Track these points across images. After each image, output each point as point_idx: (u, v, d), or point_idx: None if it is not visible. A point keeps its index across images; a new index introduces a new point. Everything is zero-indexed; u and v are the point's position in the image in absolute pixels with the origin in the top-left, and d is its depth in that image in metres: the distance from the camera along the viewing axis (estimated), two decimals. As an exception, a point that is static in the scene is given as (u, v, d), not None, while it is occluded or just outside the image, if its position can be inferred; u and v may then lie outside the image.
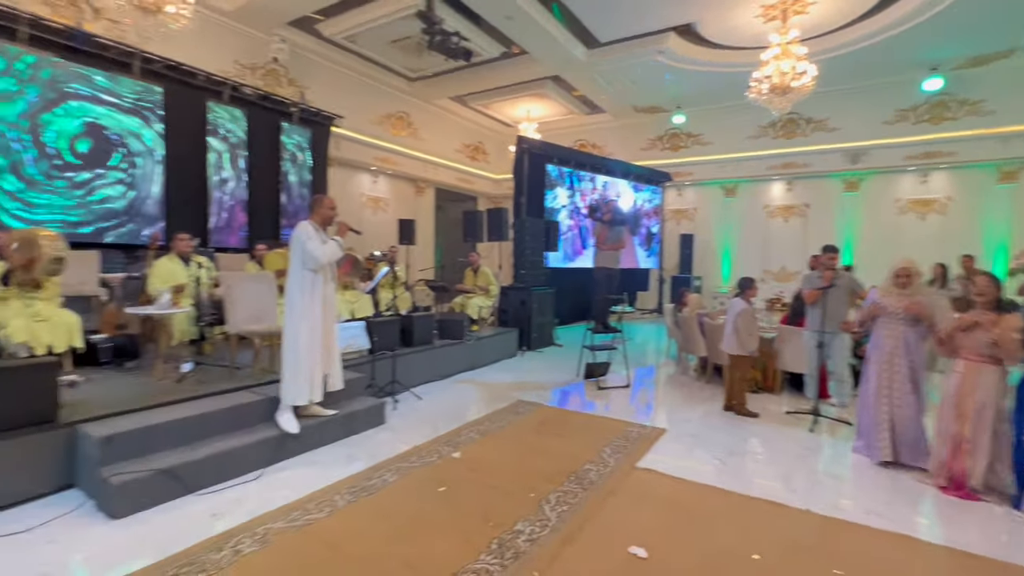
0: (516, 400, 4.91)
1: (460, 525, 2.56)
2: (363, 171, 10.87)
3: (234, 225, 7.61)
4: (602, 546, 2.41)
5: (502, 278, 8.31)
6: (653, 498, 2.94)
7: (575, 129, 13.12)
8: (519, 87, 10.73)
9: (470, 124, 13.21)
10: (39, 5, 5.90)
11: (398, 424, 4.15)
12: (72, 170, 5.88)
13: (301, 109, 8.37)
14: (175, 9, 5.07)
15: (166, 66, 6.61)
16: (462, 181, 13.32)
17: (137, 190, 6.46)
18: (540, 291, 7.71)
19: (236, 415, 3.36)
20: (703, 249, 11.77)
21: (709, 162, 11.68)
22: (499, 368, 6.39)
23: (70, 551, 2.28)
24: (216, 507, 2.70)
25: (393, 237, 9.16)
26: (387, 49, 9.08)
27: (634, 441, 3.84)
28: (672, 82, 9.90)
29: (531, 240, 7.95)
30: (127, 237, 6.35)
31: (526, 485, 3.02)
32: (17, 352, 3.36)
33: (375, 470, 3.21)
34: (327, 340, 3.58)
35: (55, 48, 5.69)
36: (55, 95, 5.71)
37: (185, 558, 2.22)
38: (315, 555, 2.28)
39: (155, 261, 4.77)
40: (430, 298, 8.39)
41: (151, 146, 6.57)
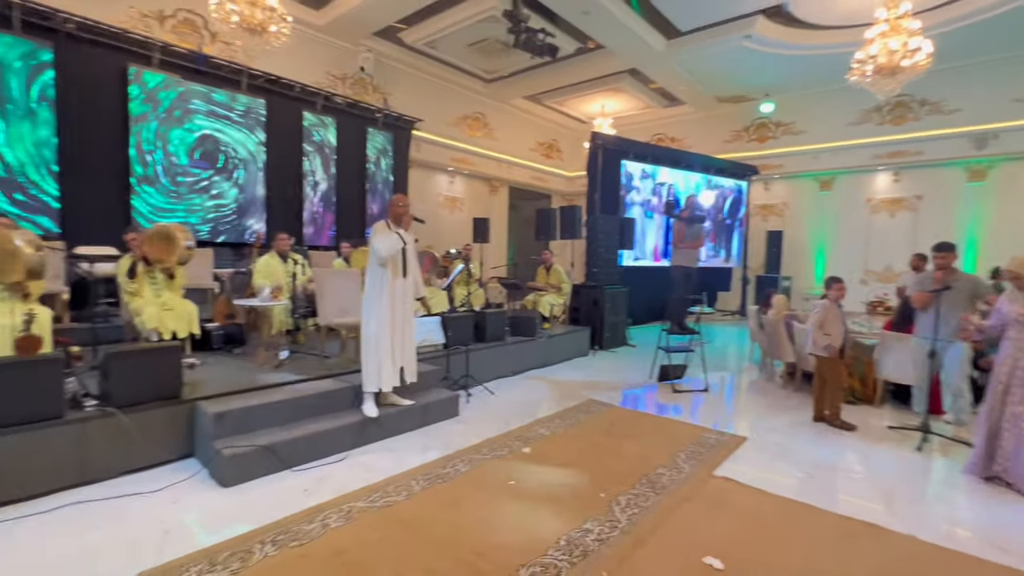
0: (587, 399, 4.87)
1: (528, 519, 2.60)
2: (440, 172, 11.27)
3: (324, 225, 8.22)
4: (674, 553, 2.34)
5: (574, 276, 8.26)
6: (731, 508, 2.80)
7: (652, 123, 12.71)
8: (594, 83, 10.59)
9: (544, 122, 13.24)
10: (168, 33, 6.73)
11: (470, 417, 4.27)
12: (191, 177, 6.66)
13: (384, 115, 8.85)
14: (276, 28, 5.56)
15: (268, 80, 7.28)
16: (536, 179, 13.39)
17: (244, 194, 7.18)
18: (613, 290, 7.58)
19: (325, 400, 3.63)
20: (793, 247, 10.94)
21: (801, 153, 10.81)
22: (570, 366, 6.36)
23: (189, 512, 2.60)
24: (307, 483, 2.95)
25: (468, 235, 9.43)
26: (465, 52, 9.34)
27: (711, 448, 3.67)
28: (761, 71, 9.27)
29: (604, 238, 7.83)
30: (235, 236, 7.09)
31: (595, 484, 3.00)
32: (149, 337, 3.89)
33: (448, 459, 3.34)
34: (400, 334, 3.68)
35: (181, 70, 6.47)
36: (179, 112, 6.49)
37: (281, 527, 2.45)
38: (394, 534, 2.42)
39: (258, 258, 5.27)
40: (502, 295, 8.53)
41: (255, 154, 7.28)
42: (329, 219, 8.28)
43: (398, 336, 3.70)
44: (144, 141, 6.22)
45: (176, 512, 2.59)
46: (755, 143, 11.49)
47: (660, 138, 12.71)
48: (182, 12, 6.89)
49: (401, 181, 9.37)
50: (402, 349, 3.73)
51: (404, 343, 3.75)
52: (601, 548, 2.34)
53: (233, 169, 7.05)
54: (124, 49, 6.03)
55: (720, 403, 5.01)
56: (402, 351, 3.74)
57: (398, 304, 3.70)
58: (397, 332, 3.69)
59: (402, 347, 3.73)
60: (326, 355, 4.49)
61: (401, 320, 3.72)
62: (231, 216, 7.07)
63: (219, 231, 6.94)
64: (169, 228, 4.21)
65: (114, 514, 2.54)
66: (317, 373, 4.01)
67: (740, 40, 8.21)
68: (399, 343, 3.71)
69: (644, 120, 12.69)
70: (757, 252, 11.28)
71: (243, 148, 7.15)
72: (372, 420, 3.60)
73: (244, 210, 7.20)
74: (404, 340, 3.75)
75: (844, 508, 2.82)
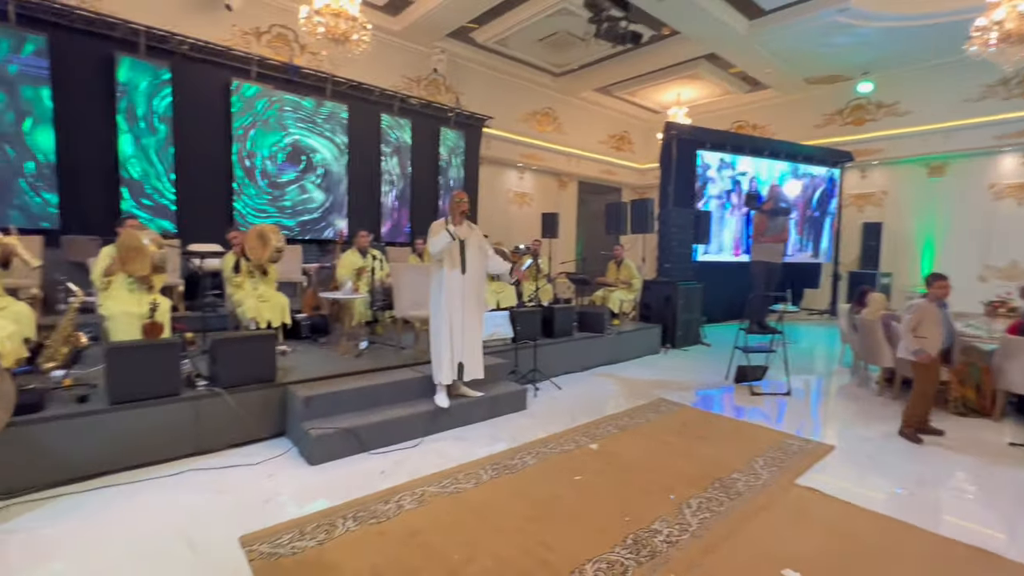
0: (657, 398, 4.74)
1: (595, 515, 2.59)
2: (510, 168, 11.39)
3: (400, 222, 8.61)
4: (749, 562, 2.24)
5: (645, 271, 8.04)
6: (814, 520, 2.62)
7: (732, 110, 12.01)
8: (668, 71, 10.18)
9: (615, 114, 12.94)
10: (264, 48, 7.35)
11: (538, 411, 4.32)
12: (283, 180, 7.25)
13: (456, 114, 9.08)
14: (357, 36, 5.88)
15: (350, 87, 7.73)
16: (606, 173, 13.15)
17: (328, 195, 7.70)
18: (687, 286, 7.29)
19: (400, 389, 3.83)
20: (894, 240, 9.89)
21: (907, 135, 9.71)
22: (640, 364, 6.22)
23: (281, 485, 2.86)
24: (383, 466, 3.14)
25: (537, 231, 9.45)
26: (534, 47, 9.35)
27: (793, 455, 3.45)
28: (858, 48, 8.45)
29: (678, 232, 7.54)
30: (320, 234, 7.63)
31: (665, 485, 2.93)
32: (248, 325, 4.30)
33: (516, 451, 3.40)
34: (459, 329, 3.71)
35: (274, 81, 7.05)
36: (272, 119, 7.07)
37: (360, 505, 2.63)
38: (464, 520, 2.52)
39: (341, 254, 5.64)
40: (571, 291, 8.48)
41: (338, 156, 7.77)
42: (405, 216, 8.67)
43: (457, 331, 3.72)
44: (243, 148, 6.85)
45: (272, 484, 2.86)
46: (851, 127, 10.49)
47: (740, 126, 11.98)
48: (276, 28, 7.49)
49: (472, 179, 9.59)
50: (462, 344, 3.75)
51: (464, 338, 3.76)
52: (670, 550, 2.29)
53: (319, 171, 7.58)
54: (227, 65, 6.67)
55: (804, 408, 4.68)
56: (462, 346, 3.76)
57: (455, 300, 3.72)
58: (456, 327, 3.72)
59: (462, 342, 3.75)
60: (402, 346, 4.73)
61: (460, 316, 3.73)
62: (317, 215, 7.61)
63: (307, 229, 7.50)
64: (264, 229, 4.63)
65: (221, 482, 2.85)
66: (393, 363, 4.24)
67: (833, 15, 7.53)
68: (458, 338, 3.73)
69: (723, 107, 12.02)
70: (851, 246, 10.33)
71: (328, 151, 7.66)
72: (443, 410, 3.75)
73: (328, 209, 7.72)
74: (464, 335, 3.75)
75: (950, 530, 2.55)
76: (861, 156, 10.23)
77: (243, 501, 2.65)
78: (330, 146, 7.67)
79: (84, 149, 5.74)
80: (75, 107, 5.67)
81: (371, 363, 4.20)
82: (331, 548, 2.24)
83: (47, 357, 3.33)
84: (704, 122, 10.95)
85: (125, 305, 3.75)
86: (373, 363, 4.20)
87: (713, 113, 12.05)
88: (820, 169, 10.17)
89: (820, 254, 10.38)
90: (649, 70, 10.17)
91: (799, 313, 10.33)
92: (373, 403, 3.64)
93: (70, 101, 5.63)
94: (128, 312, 3.69)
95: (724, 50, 9.01)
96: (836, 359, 6.56)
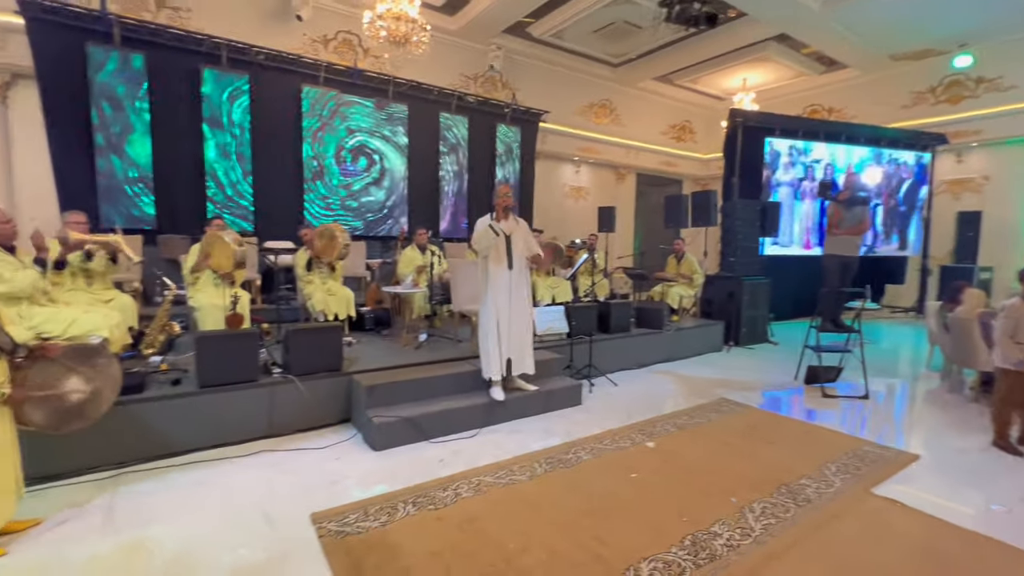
0: (719, 398, 4.57)
1: (651, 513, 2.55)
2: (566, 162, 11.30)
3: (457, 218, 8.79)
4: (816, 573, 2.12)
5: (707, 266, 7.73)
6: (895, 534, 2.44)
7: (805, 93, 11.23)
8: (734, 55, 9.67)
9: (676, 103, 12.49)
10: (331, 54, 7.73)
11: (593, 406, 4.29)
12: (348, 179, 7.60)
13: (512, 109, 9.12)
14: (417, 38, 6.06)
15: (410, 87, 7.96)
16: (665, 164, 12.73)
17: (389, 193, 7.99)
18: (752, 281, 6.94)
19: (457, 381, 3.93)
20: (996, 231, 8.88)
21: (1012, 113, 8.67)
22: (700, 362, 6.00)
23: (347, 469, 3.03)
24: (442, 454, 3.24)
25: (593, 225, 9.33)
26: (591, 39, 9.20)
27: (871, 463, 3.21)
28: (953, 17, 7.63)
29: (743, 224, 7.19)
30: (383, 231, 7.94)
31: (726, 488, 2.83)
32: (318, 317, 4.57)
33: (570, 446, 3.40)
34: (505, 324, 3.71)
35: (340, 85, 7.40)
36: (338, 121, 7.43)
37: (420, 491, 2.74)
38: (518, 511, 2.56)
39: (402, 250, 5.85)
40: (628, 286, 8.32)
41: (398, 155, 8.03)
42: (462, 213, 8.83)
43: (504, 327, 3.72)
44: (312, 151, 7.25)
45: (339, 467, 3.04)
46: (944, 106, 9.51)
47: (814, 110, 11.19)
48: (341, 34, 7.86)
49: (528, 174, 9.61)
50: (509, 340, 3.76)
51: (511, 334, 3.76)
52: (730, 554, 2.21)
53: (381, 171, 7.89)
54: (298, 72, 7.07)
55: (885, 413, 4.34)
56: (509, 342, 3.76)
57: (501, 295, 3.71)
58: (504, 323, 3.72)
59: (509, 338, 3.75)
60: (459, 339, 4.84)
61: (507, 311, 3.72)
62: (379, 213, 7.92)
63: (370, 227, 7.84)
64: (331, 229, 4.88)
65: (293, 463, 3.07)
66: (451, 355, 4.35)
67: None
68: (506, 334, 3.74)
69: (794, 91, 11.28)
70: (943, 237, 9.39)
71: (389, 151, 7.95)
72: (499, 403, 3.81)
73: (390, 207, 8.02)
74: (511, 331, 3.75)
75: (1059, 554, 2.28)
76: (957, 138, 9.26)
77: (312, 481, 2.84)
78: (391, 146, 7.95)
79: (175, 156, 6.30)
80: (167, 118, 6.23)
81: (430, 355, 4.34)
82: (393, 530, 2.35)
83: (147, 344, 3.71)
84: (773, 108, 10.33)
85: (211, 298, 4.11)
86: (432, 355, 4.34)
87: (783, 98, 11.33)
88: (907, 154, 9.32)
89: (906, 246, 9.52)
90: (713, 55, 9.72)
91: (880, 311, 9.55)
92: (431, 394, 3.77)
93: (163, 112, 6.20)
94: (214, 304, 4.04)
95: (796, 29, 8.44)
96: (923, 362, 6.01)
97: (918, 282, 9.48)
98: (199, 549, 2.20)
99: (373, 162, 7.80)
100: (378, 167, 7.85)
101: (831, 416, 4.18)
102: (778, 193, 8.58)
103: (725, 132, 8.37)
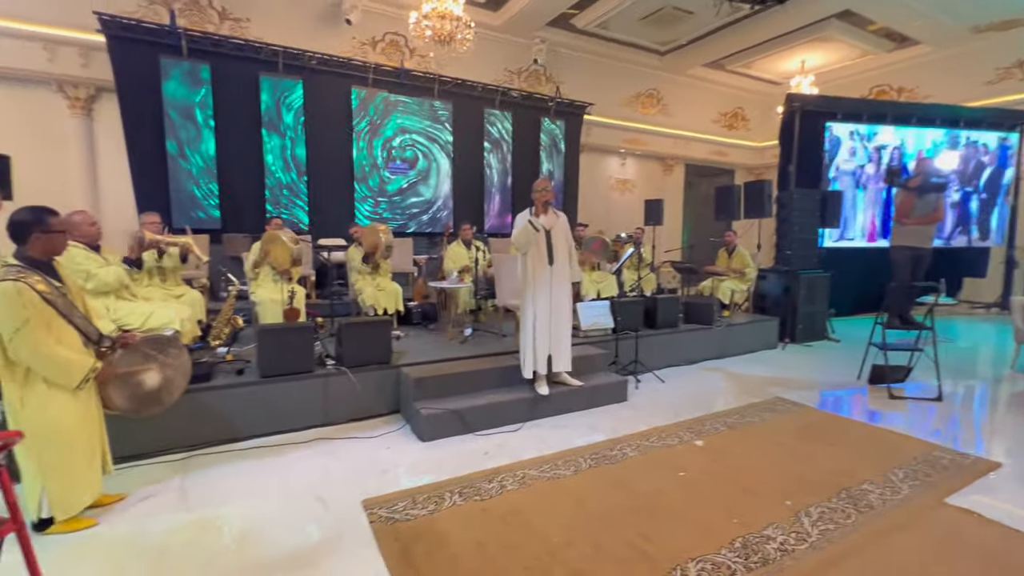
0: (773, 397, 4.38)
1: (699, 513, 2.49)
2: (611, 155, 11.11)
3: (502, 213, 8.84)
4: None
5: (761, 259, 7.41)
6: (968, 546, 2.26)
7: (871, 73, 10.49)
8: (792, 36, 9.15)
9: (727, 89, 11.98)
10: (379, 55, 7.94)
11: (639, 403, 4.22)
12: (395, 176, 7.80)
13: (557, 103, 9.05)
14: (461, 36, 6.12)
15: (455, 85, 8.06)
16: (716, 154, 12.27)
17: (435, 189, 8.14)
18: (811, 275, 6.58)
19: (502, 375, 3.97)
20: (1097, 218, 7.99)
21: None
22: (753, 359, 5.77)
23: (396, 458, 3.14)
24: (486, 447, 3.29)
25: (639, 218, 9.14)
26: (637, 27, 8.98)
27: (944, 470, 2.99)
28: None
29: (801, 215, 6.81)
30: (428, 227, 8.11)
31: (780, 490, 2.72)
32: (368, 312, 4.74)
33: (615, 442, 3.36)
34: (548, 321, 3.68)
35: (387, 85, 7.59)
36: (385, 121, 7.63)
37: (466, 482, 2.79)
38: (562, 504, 2.57)
39: (447, 246, 5.95)
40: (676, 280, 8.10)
41: (444, 153, 8.17)
42: (507, 208, 8.88)
43: (544, 323, 3.69)
44: (361, 150, 7.50)
45: (389, 456, 3.15)
46: (1034, 81, 8.63)
47: (882, 90, 10.44)
48: (389, 35, 8.05)
49: (572, 168, 9.52)
50: (549, 337, 3.73)
51: (552, 330, 3.73)
52: (784, 559, 2.13)
53: (427, 168, 8.05)
54: (348, 74, 7.32)
55: (962, 417, 4.02)
56: (549, 339, 3.74)
57: (543, 291, 3.67)
58: (544, 319, 3.69)
59: (549, 335, 3.73)
60: (503, 334, 4.89)
61: (548, 307, 3.69)
62: (425, 209, 8.10)
63: (417, 223, 8.03)
64: (376, 229, 5.03)
65: (346, 451, 3.21)
66: (495, 350, 4.40)
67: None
68: (545, 331, 3.71)
69: (858, 72, 10.55)
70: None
71: (434, 149, 8.09)
72: (543, 397, 3.82)
73: (436, 204, 8.18)
74: (552, 327, 3.72)
75: None
76: (1049, 116, 8.37)
77: (364, 469, 2.96)
78: (437, 144, 8.09)
79: (236, 159, 6.69)
80: (229, 124, 6.62)
81: (475, 349, 4.40)
82: (440, 518, 2.42)
83: (213, 336, 3.97)
84: (834, 90, 9.74)
85: (270, 293, 4.35)
86: (477, 349, 4.40)
87: (846, 79, 10.64)
88: (989, 135, 8.52)
89: (988, 237, 8.74)
90: (769, 37, 9.23)
91: (957, 306, 8.82)
92: (476, 387, 3.82)
93: (225, 119, 6.59)
94: (273, 299, 4.28)
95: (862, 5, 7.89)
96: (1008, 362, 5.51)
97: (1002, 275, 8.68)
98: (263, 528, 2.35)
99: (419, 160, 7.97)
100: (424, 165, 8.02)
101: (898, 418, 3.92)
102: (838, 182, 8.08)
103: (781, 118, 7.96)
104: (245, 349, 4.02)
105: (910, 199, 5.56)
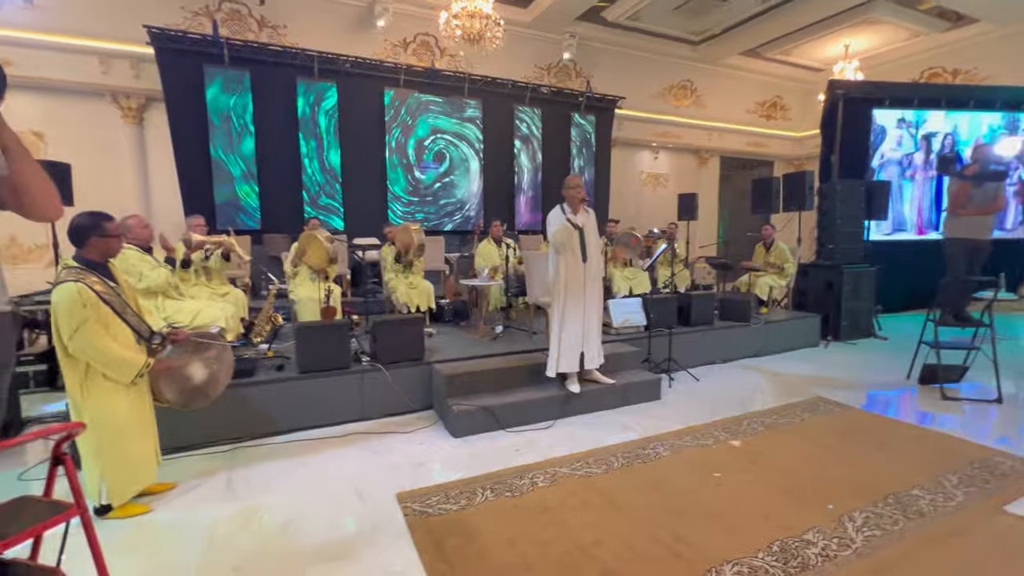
0: (815, 396, 4.22)
1: (735, 515, 2.43)
2: (643, 148, 10.91)
3: (532, 211, 8.83)
4: (932, 593, 1.91)
5: (801, 254, 7.14)
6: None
7: (922, 56, 9.92)
8: (835, 19, 8.76)
9: (765, 78, 11.58)
10: (410, 56, 8.05)
11: (673, 401, 4.15)
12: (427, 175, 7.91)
13: (587, 98, 8.96)
14: (491, 34, 6.13)
15: (484, 83, 8.09)
16: (754, 145, 11.88)
17: (466, 188, 8.21)
18: (855, 270, 6.30)
19: (533, 372, 3.97)
20: None
21: None
22: (794, 358, 5.58)
23: (430, 453, 3.19)
24: (518, 444, 3.30)
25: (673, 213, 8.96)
26: (669, 18, 8.78)
27: (1002, 476, 2.82)
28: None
29: (844, 207, 6.52)
30: (459, 226, 8.19)
31: (821, 493, 2.62)
32: (401, 309, 4.82)
33: (648, 441, 3.32)
34: (583, 318, 3.65)
35: (418, 86, 7.69)
36: (417, 121, 7.74)
37: (497, 478, 2.82)
38: (593, 501, 2.55)
39: (478, 244, 5.99)
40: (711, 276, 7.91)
41: (474, 151, 8.22)
42: (537, 205, 8.86)
43: (579, 321, 3.66)
44: (393, 150, 7.63)
45: (422, 451, 3.21)
46: (1109, 57, 7.96)
47: (934, 73, 9.85)
48: (420, 36, 8.15)
49: (603, 163, 9.42)
50: (583, 334, 3.70)
51: (586, 328, 3.70)
52: (825, 565, 2.05)
53: (458, 167, 8.12)
54: (380, 76, 7.45)
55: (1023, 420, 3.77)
56: (583, 336, 3.71)
57: (578, 289, 3.64)
58: (578, 317, 3.65)
59: (583, 332, 3.70)
60: (534, 331, 4.89)
61: (582, 305, 3.66)
62: (457, 208, 8.17)
63: (448, 221, 8.11)
64: (408, 228, 5.11)
65: (381, 445, 3.28)
66: (526, 347, 4.41)
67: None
68: (580, 328, 3.67)
69: (907, 54, 9.99)
70: (1106, 215, 7.91)
71: (465, 147, 8.16)
72: (574, 395, 3.80)
73: (467, 202, 8.24)
74: (585, 325, 3.69)
75: None
76: None
77: (398, 463, 3.02)
78: (467, 142, 8.15)
79: (276, 162, 6.93)
80: (268, 128, 6.86)
81: (506, 347, 4.42)
82: (472, 514, 2.45)
83: (255, 333, 4.14)
84: (881, 75, 9.27)
85: (308, 291, 4.49)
86: (508, 347, 4.42)
87: (894, 63, 10.10)
88: (1057, 117, 7.92)
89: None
90: (810, 22, 8.87)
91: (1019, 302, 8.26)
92: (508, 384, 3.84)
93: (265, 124, 6.83)
94: (310, 297, 4.41)
95: (911, -16, 7.47)
96: (1076, 361, 5.14)
97: (1071, 268, 8.07)
98: (303, 518, 2.44)
99: (450, 159, 8.05)
100: (455, 163, 8.10)
101: (952, 421, 3.72)
102: (883, 172, 7.69)
103: (822, 106, 7.64)
104: (285, 346, 4.17)
105: (966, 188, 5.23)
